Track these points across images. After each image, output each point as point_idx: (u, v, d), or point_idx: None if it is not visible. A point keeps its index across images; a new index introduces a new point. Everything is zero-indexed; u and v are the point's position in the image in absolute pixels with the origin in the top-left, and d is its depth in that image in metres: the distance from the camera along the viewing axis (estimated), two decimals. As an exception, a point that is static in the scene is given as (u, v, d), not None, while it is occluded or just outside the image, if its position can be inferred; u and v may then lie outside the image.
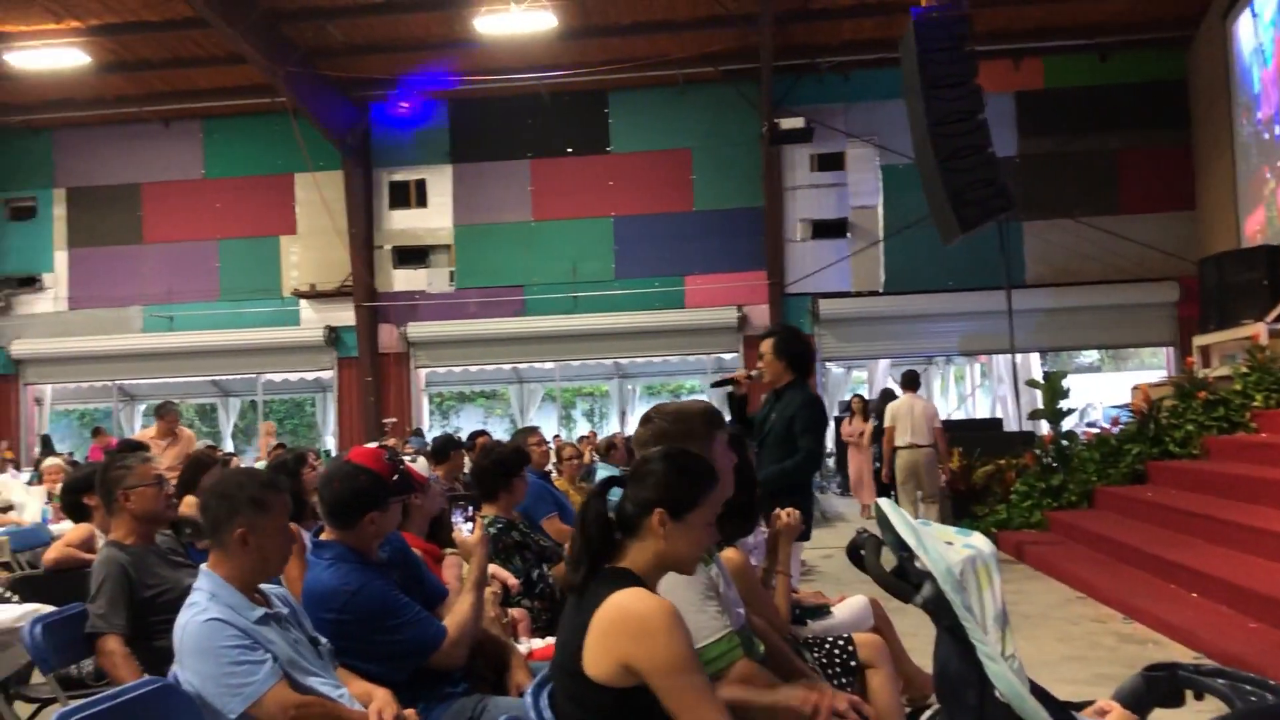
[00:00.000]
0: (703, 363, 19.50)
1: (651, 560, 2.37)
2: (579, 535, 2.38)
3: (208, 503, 2.86)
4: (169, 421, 10.01)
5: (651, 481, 2.38)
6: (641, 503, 2.36)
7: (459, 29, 15.47)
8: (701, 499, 2.41)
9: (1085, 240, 16.65)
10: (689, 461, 2.46)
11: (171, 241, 18.50)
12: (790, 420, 5.34)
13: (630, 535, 2.37)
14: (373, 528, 3.26)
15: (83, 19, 14.87)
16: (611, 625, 2.21)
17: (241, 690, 2.65)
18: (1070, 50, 16.70)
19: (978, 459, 11.39)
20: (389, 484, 3.35)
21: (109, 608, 3.70)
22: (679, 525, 2.35)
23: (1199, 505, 8.03)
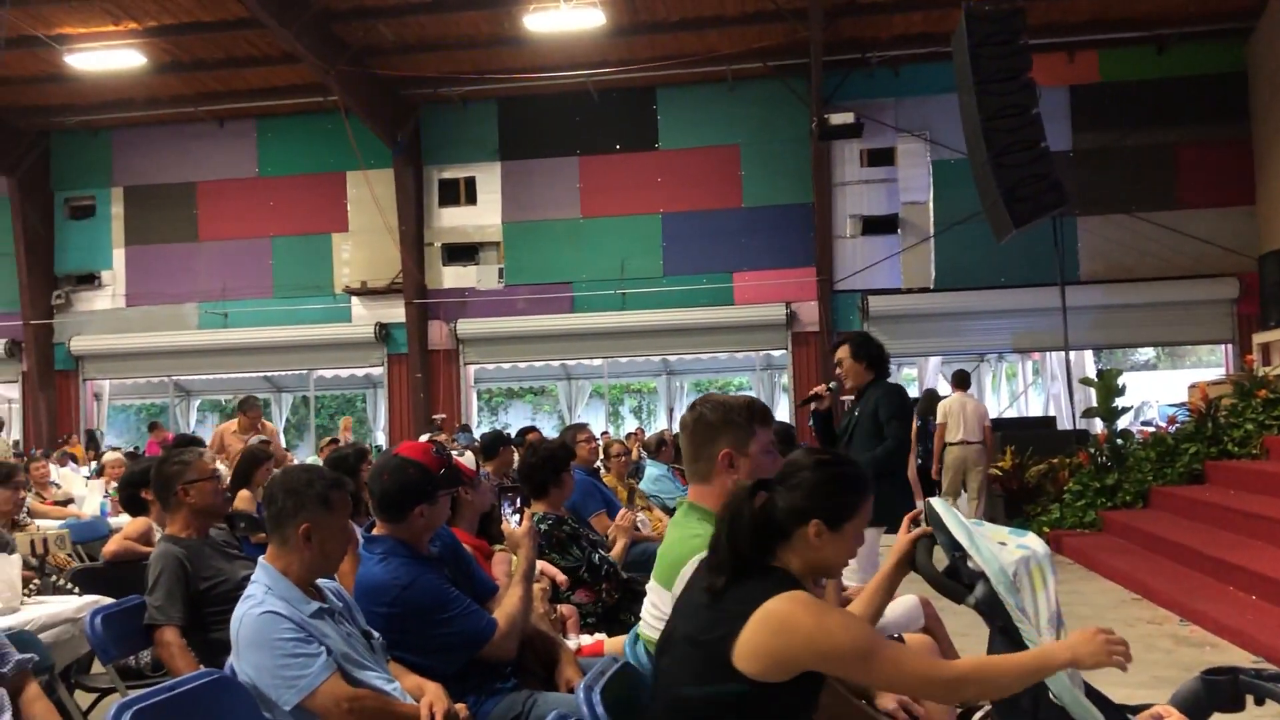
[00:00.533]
0: (751, 360, 19.41)
1: (801, 565, 2.34)
2: (725, 540, 2.32)
3: (274, 497, 2.90)
4: (251, 416, 10.09)
5: (806, 490, 2.33)
6: (798, 511, 2.31)
7: (508, 27, 15.54)
8: (858, 508, 2.38)
9: (1141, 236, 16.37)
10: (844, 469, 2.41)
11: (226, 239, 18.77)
12: (874, 411, 5.48)
13: (780, 539, 2.33)
14: (422, 520, 3.29)
15: (140, 20, 15.12)
16: (779, 628, 2.18)
17: (296, 683, 2.69)
18: (1126, 43, 16.42)
19: (1030, 458, 11.26)
20: (437, 477, 3.38)
21: (166, 600, 3.77)
22: (834, 535, 2.32)
23: (1258, 506, 7.88)
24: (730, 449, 2.87)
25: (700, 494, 2.94)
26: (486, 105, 18.13)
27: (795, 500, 2.32)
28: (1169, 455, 10.18)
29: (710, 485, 2.90)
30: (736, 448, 2.88)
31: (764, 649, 2.19)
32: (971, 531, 2.48)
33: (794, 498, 2.33)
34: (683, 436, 3.02)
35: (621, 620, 4.46)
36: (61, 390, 19.18)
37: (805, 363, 17.39)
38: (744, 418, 2.91)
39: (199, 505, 4.06)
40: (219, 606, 3.74)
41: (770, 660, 2.19)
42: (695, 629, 2.32)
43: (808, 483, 2.34)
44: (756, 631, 2.20)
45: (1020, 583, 2.39)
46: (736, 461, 2.87)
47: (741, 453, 2.88)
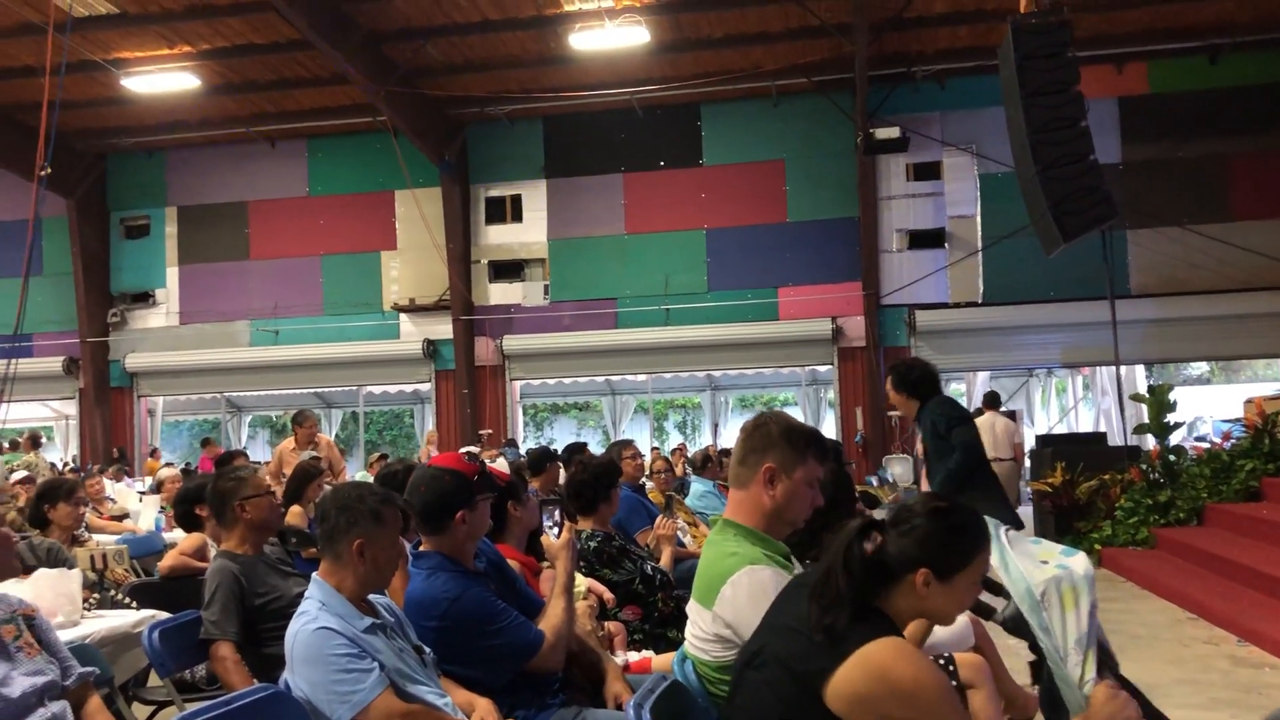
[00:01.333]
0: (797, 375, 19.36)
1: (907, 611, 2.32)
2: (841, 577, 2.26)
3: (327, 513, 2.95)
4: (308, 430, 10.15)
5: (918, 537, 2.29)
6: (907, 559, 2.28)
7: (554, 46, 15.67)
8: (971, 560, 2.33)
9: (1193, 249, 16.14)
10: (960, 519, 2.35)
11: (277, 258, 19.07)
12: (933, 427, 5.60)
13: (889, 583, 2.30)
14: (464, 528, 3.31)
15: (194, 43, 15.43)
16: (877, 675, 2.16)
17: (350, 698, 2.73)
18: (1177, 53, 16.23)
19: (1080, 474, 11.12)
20: (473, 482, 3.40)
21: (222, 615, 3.84)
22: (943, 585, 2.29)
23: (1318, 524, 7.73)
24: (775, 465, 2.85)
25: (735, 504, 2.93)
26: (532, 123, 18.28)
27: (906, 546, 2.29)
28: (1224, 472, 10.01)
29: (746, 493, 2.89)
30: (782, 467, 2.85)
31: (858, 693, 2.17)
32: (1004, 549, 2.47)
33: (905, 544, 2.29)
34: (738, 439, 3.02)
35: (669, 638, 4.47)
36: (116, 407, 19.54)
37: (851, 378, 17.30)
38: (801, 443, 2.88)
39: (255, 521, 4.13)
40: (273, 622, 3.80)
41: (860, 705, 2.17)
42: (791, 655, 2.29)
43: (920, 530, 2.30)
44: (853, 673, 2.17)
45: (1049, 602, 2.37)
46: (777, 479, 2.85)
47: (785, 473, 2.85)
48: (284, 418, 28.14)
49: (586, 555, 4.73)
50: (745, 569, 2.74)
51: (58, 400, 20.20)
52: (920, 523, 2.30)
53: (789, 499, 2.85)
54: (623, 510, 5.87)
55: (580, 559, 4.69)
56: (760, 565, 2.74)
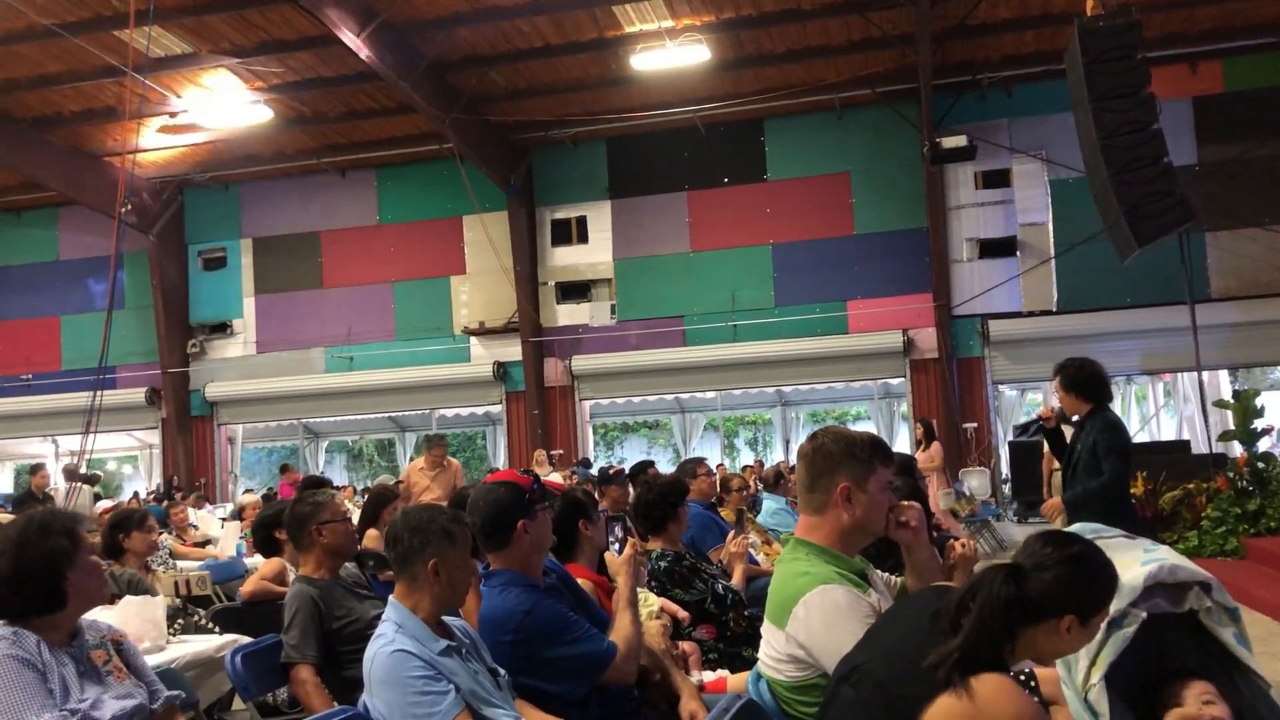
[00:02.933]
0: (869, 388, 19.17)
1: (1036, 653, 2.30)
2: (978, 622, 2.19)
3: (399, 535, 2.99)
4: (437, 453, 10.39)
5: (1067, 583, 2.24)
6: (1056, 605, 2.23)
7: (615, 68, 15.79)
8: (1105, 606, 2.34)
9: (1275, 249, 15.71)
10: (1100, 563, 2.33)
11: (350, 285, 19.41)
12: (1094, 446, 5.58)
13: (1026, 623, 2.25)
14: (528, 538, 3.33)
15: (265, 79, 15.82)
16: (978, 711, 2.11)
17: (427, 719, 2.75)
18: (1251, 50, 15.84)
19: (1164, 483, 10.84)
20: (530, 491, 3.43)
21: (301, 638, 3.89)
22: (1083, 629, 2.28)
23: None
24: (849, 483, 2.82)
25: (809, 527, 2.90)
26: (596, 145, 18.42)
27: (1057, 591, 2.24)
28: (1316, 478, 9.71)
29: (822, 518, 2.87)
30: (856, 482, 2.83)
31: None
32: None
33: (1055, 587, 2.24)
34: (800, 465, 2.99)
35: (744, 657, 4.44)
36: (198, 435, 20.00)
37: (925, 390, 17.09)
38: (866, 453, 2.85)
39: (331, 545, 4.19)
40: (351, 645, 3.85)
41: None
42: (890, 678, 2.26)
43: (1068, 576, 2.26)
44: (953, 704, 2.12)
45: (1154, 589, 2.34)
46: (855, 497, 2.82)
47: (860, 488, 2.83)
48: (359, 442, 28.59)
49: (657, 575, 4.72)
50: (818, 589, 2.71)
51: (141, 430, 20.72)
52: (1067, 568, 2.26)
53: (868, 512, 2.83)
54: (694, 528, 5.85)
55: (651, 579, 4.68)
56: (833, 585, 2.72)
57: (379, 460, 29.86)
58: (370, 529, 6.31)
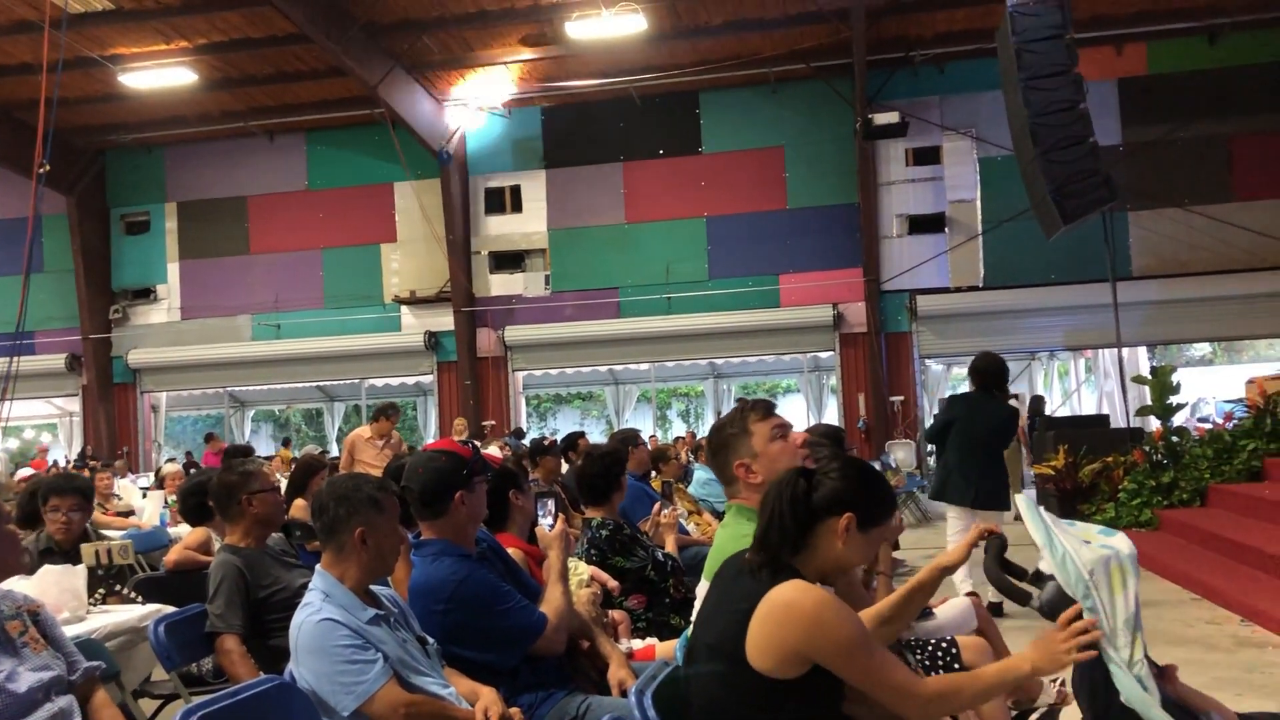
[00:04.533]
0: (799, 361, 19.36)
1: (818, 564, 2.38)
2: (777, 517, 2.35)
3: (325, 505, 2.96)
4: (385, 424, 10.11)
5: (847, 485, 2.38)
6: (835, 501, 2.35)
7: (551, 35, 15.64)
8: (885, 518, 2.45)
9: (1195, 230, 16.12)
10: (878, 476, 2.49)
11: (277, 252, 19.08)
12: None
13: (811, 529, 2.36)
14: (464, 509, 3.34)
15: (190, 38, 15.42)
16: (780, 618, 2.23)
17: (354, 688, 2.74)
18: (1176, 34, 16.18)
19: (1084, 456, 11.12)
20: (470, 462, 3.44)
21: (226, 608, 3.85)
22: (861, 536, 2.37)
23: (1320, 503, 7.74)
24: (741, 460, 2.97)
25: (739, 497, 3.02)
26: (531, 113, 18.26)
27: (837, 490, 2.37)
28: (1227, 452, 10.00)
29: (744, 498, 2.99)
30: (743, 455, 2.96)
31: (770, 641, 2.23)
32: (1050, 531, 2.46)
33: (835, 487, 2.37)
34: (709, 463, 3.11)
35: (672, 625, 4.49)
36: (120, 403, 19.58)
37: (853, 363, 17.30)
38: (738, 424, 2.99)
39: (261, 515, 4.15)
40: (278, 614, 3.82)
41: (778, 653, 2.23)
42: (712, 636, 2.37)
43: (848, 478, 2.39)
44: (763, 624, 2.24)
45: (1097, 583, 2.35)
46: (751, 465, 2.96)
47: (750, 455, 2.96)
48: (286, 412, 28.21)
49: (599, 544, 4.74)
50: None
51: (61, 397, 20.22)
52: (848, 471, 2.41)
53: (770, 464, 2.92)
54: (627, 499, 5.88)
55: (592, 547, 4.72)
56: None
57: (306, 430, 29.50)
58: (298, 498, 6.24)
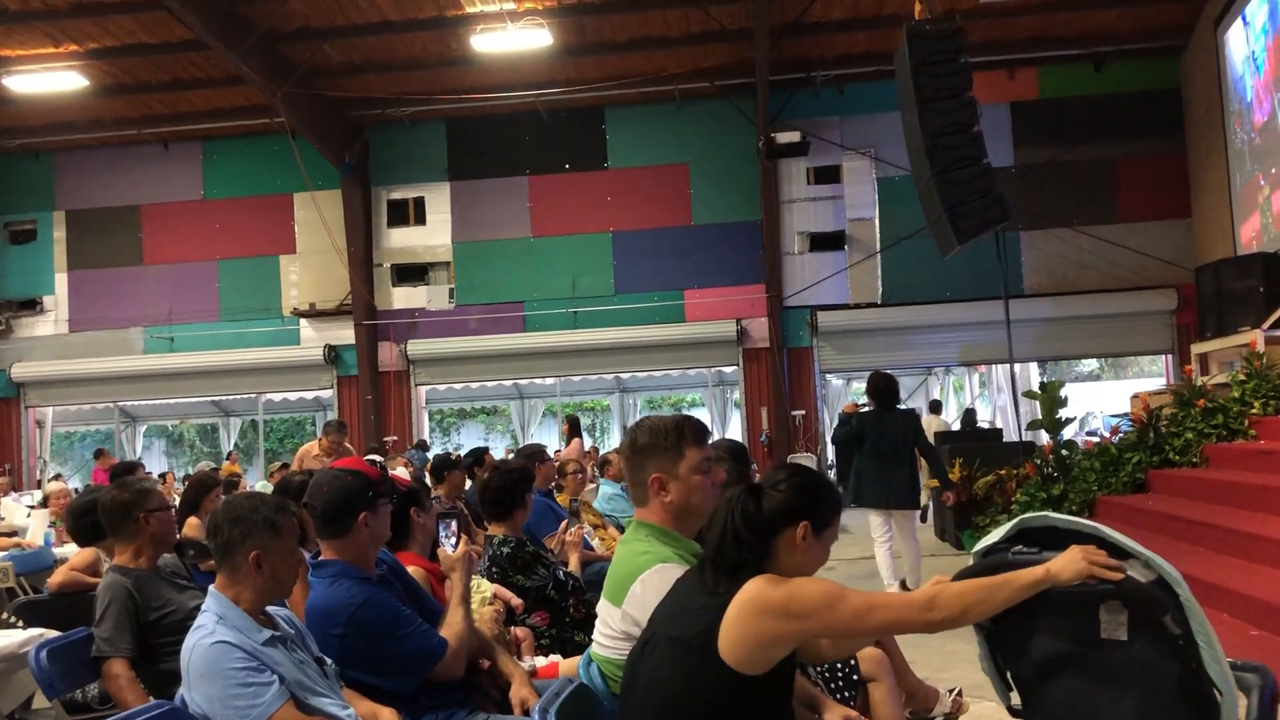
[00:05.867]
0: (703, 376, 19.52)
1: (786, 568, 2.43)
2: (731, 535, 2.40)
3: (220, 526, 2.89)
4: (335, 439, 9.77)
5: (797, 494, 2.46)
6: (790, 511, 2.43)
7: (456, 47, 15.55)
8: (836, 519, 2.53)
9: (1083, 249, 16.70)
10: (825, 481, 2.56)
11: (172, 263, 18.55)
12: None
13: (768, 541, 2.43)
14: (367, 530, 3.28)
15: (81, 43, 14.95)
16: (757, 608, 2.30)
17: (249, 712, 2.67)
18: (1064, 60, 16.78)
19: (978, 469, 11.40)
20: (376, 483, 3.38)
21: (114, 631, 3.73)
22: (816, 541, 2.45)
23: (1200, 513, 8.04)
24: (659, 473, 2.91)
25: (643, 514, 2.98)
26: (435, 125, 18.11)
27: (787, 501, 2.44)
28: (1113, 465, 10.32)
29: (648, 508, 2.95)
30: (665, 470, 2.91)
31: (747, 632, 2.30)
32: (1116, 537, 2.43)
33: (785, 499, 2.44)
34: (623, 462, 3.08)
35: (576, 642, 4.47)
36: (2, 418, 18.81)
37: (756, 378, 17.50)
38: (672, 440, 2.92)
39: (158, 533, 4.03)
40: (169, 637, 3.71)
41: (754, 642, 2.30)
42: (679, 630, 2.40)
43: (797, 487, 2.47)
44: (737, 617, 2.31)
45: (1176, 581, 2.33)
46: (667, 484, 2.90)
47: (671, 475, 2.90)
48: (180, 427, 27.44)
49: (500, 561, 4.70)
50: (656, 567, 2.78)
51: (-62, 412, 19.37)
52: (797, 479, 2.49)
53: (686, 495, 2.89)
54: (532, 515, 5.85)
55: (493, 565, 4.68)
56: (671, 563, 2.78)
57: (201, 445, 28.72)
58: (191, 517, 6.08)
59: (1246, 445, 9.04)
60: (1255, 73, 13.41)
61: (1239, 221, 14.39)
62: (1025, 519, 2.54)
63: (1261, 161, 13.38)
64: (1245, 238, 14.11)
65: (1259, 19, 13.11)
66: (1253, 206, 13.82)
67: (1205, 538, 7.63)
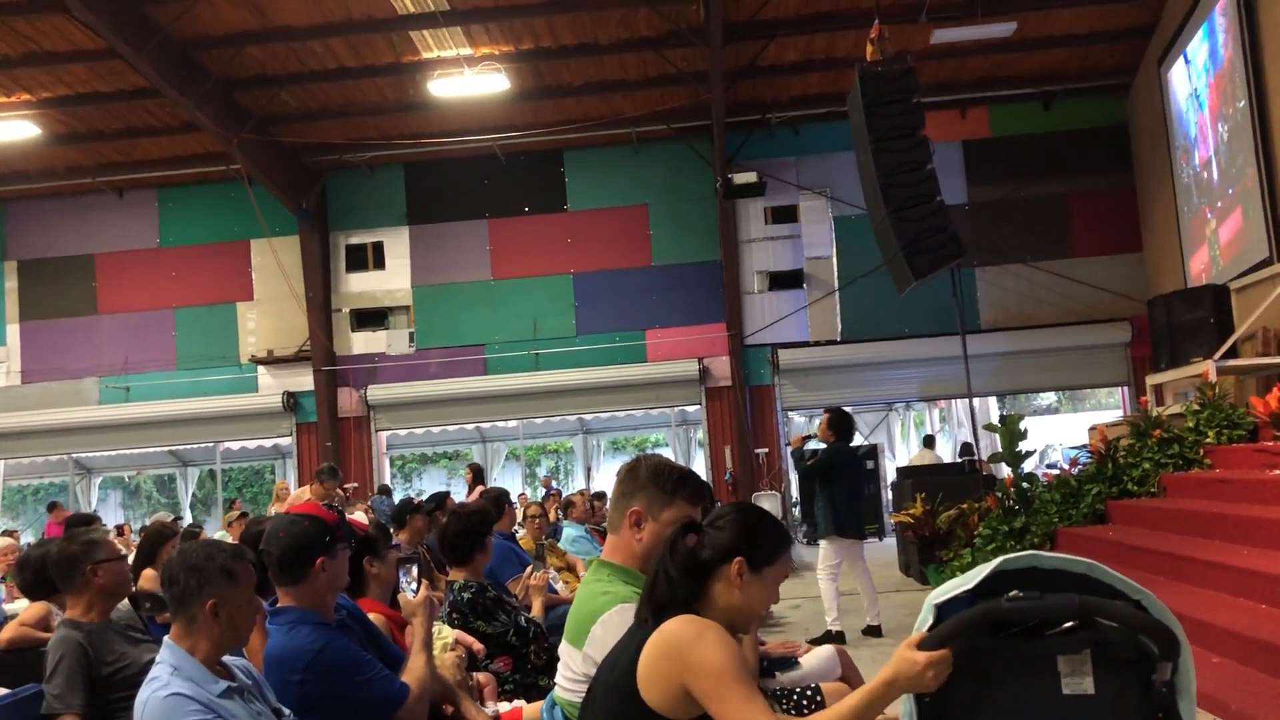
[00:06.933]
0: (666, 416, 19.50)
1: (723, 607, 2.39)
2: (663, 574, 2.39)
3: (175, 575, 2.83)
4: (330, 485, 9.77)
5: (732, 530, 2.42)
6: (723, 549, 2.39)
7: (413, 92, 15.60)
8: (778, 556, 2.46)
9: (1037, 284, 16.94)
10: (767, 518, 2.51)
11: (127, 311, 18.35)
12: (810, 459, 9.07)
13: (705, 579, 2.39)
14: (325, 575, 3.25)
15: (34, 91, 14.85)
16: (664, 648, 2.25)
17: (204, 766, 2.61)
18: (1014, 99, 17.10)
19: (940, 503, 11.45)
20: (333, 527, 3.34)
21: (66, 687, 3.63)
22: (755, 577, 2.39)
23: (1159, 543, 8.11)
24: (641, 508, 2.87)
25: (611, 547, 2.95)
26: (393, 170, 18.11)
27: (722, 539, 2.40)
28: (1073, 497, 10.40)
29: (618, 537, 2.92)
30: (648, 509, 2.87)
31: (656, 673, 2.24)
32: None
33: (721, 536, 2.41)
34: (614, 483, 3.04)
35: (540, 686, 4.42)
36: (-47, 472, 18.44)
37: (719, 417, 17.52)
38: (669, 486, 2.88)
39: (108, 586, 3.93)
40: (123, 692, 3.62)
41: (664, 685, 2.23)
42: (612, 675, 2.37)
43: (734, 524, 2.43)
44: (650, 656, 2.26)
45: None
46: (643, 523, 2.87)
47: (651, 516, 2.86)
48: (137, 478, 27.00)
49: (460, 607, 4.65)
50: (616, 608, 2.74)
51: (-114, 467, 18.96)
52: (735, 517, 2.46)
53: (655, 542, 2.82)
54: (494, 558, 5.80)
55: (454, 611, 4.62)
56: (631, 604, 2.74)
57: (158, 496, 28.26)
58: (147, 568, 5.96)
59: (1203, 474, 9.15)
60: (1198, 109, 13.73)
61: (1188, 254, 14.67)
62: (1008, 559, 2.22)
63: (1207, 195, 13.67)
64: (1195, 270, 14.38)
65: (1200, 57, 13.44)
66: (1200, 239, 14.09)
67: (1164, 567, 7.68)
